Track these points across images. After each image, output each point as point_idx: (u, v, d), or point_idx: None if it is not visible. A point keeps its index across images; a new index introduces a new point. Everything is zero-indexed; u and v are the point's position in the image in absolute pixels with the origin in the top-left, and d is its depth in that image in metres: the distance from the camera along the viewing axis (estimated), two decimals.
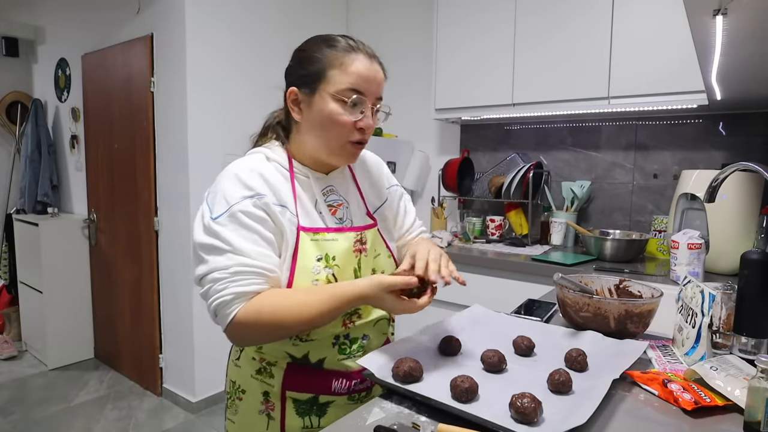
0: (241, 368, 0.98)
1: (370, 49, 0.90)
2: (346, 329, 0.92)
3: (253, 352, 0.95)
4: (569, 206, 2.49)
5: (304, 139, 0.92)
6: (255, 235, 0.83)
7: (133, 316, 2.95)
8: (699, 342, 0.92)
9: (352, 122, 0.87)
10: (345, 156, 0.91)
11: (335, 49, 0.87)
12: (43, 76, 3.75)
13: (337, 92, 0.85)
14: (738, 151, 2.14)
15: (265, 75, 2.85)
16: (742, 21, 0.94)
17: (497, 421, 0.65)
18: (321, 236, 0.89)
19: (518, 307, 1.29)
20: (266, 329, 0.81)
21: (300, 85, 0.89)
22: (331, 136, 0.88)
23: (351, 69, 0.86)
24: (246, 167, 0.89)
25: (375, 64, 0.89)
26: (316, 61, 0.87)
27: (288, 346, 0.91)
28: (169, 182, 2.64)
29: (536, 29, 2.26)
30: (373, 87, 0.88)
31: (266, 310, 0.80)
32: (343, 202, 0.97)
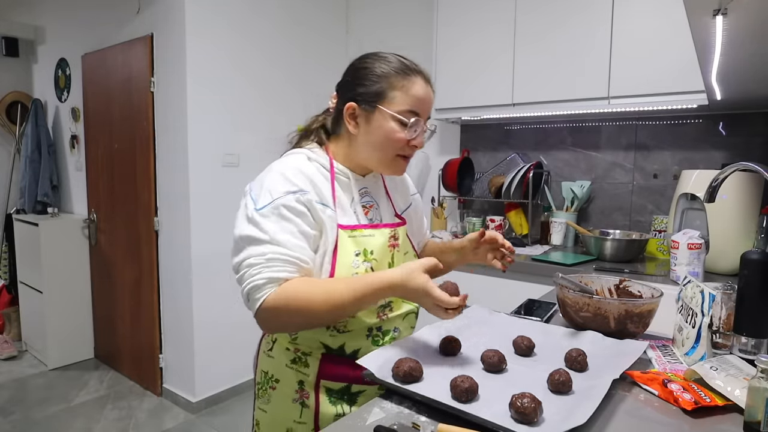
0: (275, 358, 1.01)
1: (426, 71, 0.98)
2: (380, 321, 0.97)
3: (287, 343, 0.99)
4: (569, 206, 2.49)
5: (356, 148, 0.98)
6: (293, 228, 0.87)
7: (133, 316, 2.95)
8: (699, 342, 0.92)
9: (406, 140, 0.94)
10: (395, 168, 0.99)
11: (396, 70, 0.94)
12: (43, 76, 3.75)
13: (397, 113, 0.92)
14: (738, 151, 2.14)
15: (265, 74, 2.85)
16: (742, 21, 0.94)
17: (497, 421, 0.65)
18: (359, 233, 0.94)
19: (518, 307, 1.29)
20: (295, 314, 0.84)
21: (359, 101, 0.95)
22: (386, 150, 0.95)
23: (411, 92, 0.93)
24: (291, 166, 0.94)
25: (429, 86, 0.97)
26: (377, 80, 0.94)
27: (324, 337, 0.94)
28: (169, 182, 2.64)
29: (536, 29, 2.26)
30: (427, 108, 0.96)
31: (296, 295, 0.83)
32: (374, 204, 1.03)
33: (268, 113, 2.90)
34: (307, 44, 3.09)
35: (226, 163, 2.69)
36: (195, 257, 2.57)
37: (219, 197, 2.67)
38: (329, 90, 1.10)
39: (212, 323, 2.67)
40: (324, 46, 3.23)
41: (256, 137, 2.84)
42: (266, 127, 2.89)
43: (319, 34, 3.19)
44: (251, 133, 2.81)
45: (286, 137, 1.13)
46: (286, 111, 3.00)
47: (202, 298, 2.62)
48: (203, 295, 2.62)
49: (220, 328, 2.72)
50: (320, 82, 3.22)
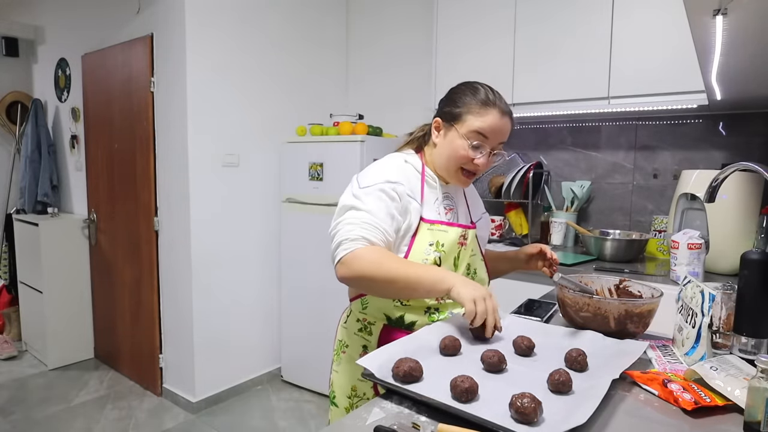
0: (348, 328, 1.21)
1: (505, 105, 1.13)
2: (438, 303, 1.12)
3: (358, 313, 1.18)
4: (569, 206, 2.49)
5: (435, 155, 1.18)
6: (386, 207, 1.07)
7: (133, 316, 2.95)
8: (699, 342, 0.92)
9: (470, 157, 1.11)
10: (457, 179, 1.16)
11: (477, 100, 1.11)
12: (43, 76, 3.75)
13: (467, 133, 1.10)
14: (738, 151, 2.14)
15: (265, 74, 2.86)
16: (742, 21, 0.94)
17: (497, 421, 0.65)
18: (436, 227, 1.12)
19: (518, 307, 1.29)
20: (370, 268, 0.99)
21: (443, 117, 1.15)
22: (451, 161, 1.13)
23: (483, 119, 1.10)
24: (392, 163, 1.16)
25: (506, 118, 1.12)
26: (461, 105, 1.12)
27: (389, 308, 1.12)
28: (169, 182, 2.64)
29: (536, 29, 2.26)
30: (497, 136, 1.11)
31: (380, 254, 1.00)
32: (454, 208, 1.21)
33: (268, 113, 2.90)
34: (307, 45, 3.09)
35: (226, 163, 2.69)
36: (195, 257, 2.57)
37: (219, 197, 2.67)
38: (329, 89, 1.13)
39: (212, 323, 2.67)
40: (324, 48, 3.23)
41: (256, 137, 2.84)
42: (266, 126, 2.89)
43: (320, 35, 3.19)
44: (251, 133, 2.81)
45: (404, 136, 1.29)
46: (286, 110, 3.00)
47: (202, 298, 2.62)
48: (203, 295, 2.62)
49: (220, 328, 2.72)
50: (321, 80, 3.23)
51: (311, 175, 2.76)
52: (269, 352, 3.02)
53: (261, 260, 2.93)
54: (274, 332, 3.03)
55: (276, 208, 2.97)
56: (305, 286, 2.84)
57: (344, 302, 2.87)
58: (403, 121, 3.08)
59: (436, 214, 1.15)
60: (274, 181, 2.96)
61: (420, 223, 1.11)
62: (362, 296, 1.16)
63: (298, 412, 2.65)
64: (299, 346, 2.91)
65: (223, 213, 2.70)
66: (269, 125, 2.91)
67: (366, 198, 1.07)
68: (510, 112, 1.14)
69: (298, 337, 2.91)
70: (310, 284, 2.82)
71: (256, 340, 2.94)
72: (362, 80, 3.36)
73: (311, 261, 2.80)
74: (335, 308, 2.71)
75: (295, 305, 2.91)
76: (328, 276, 2.73)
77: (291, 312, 2.93)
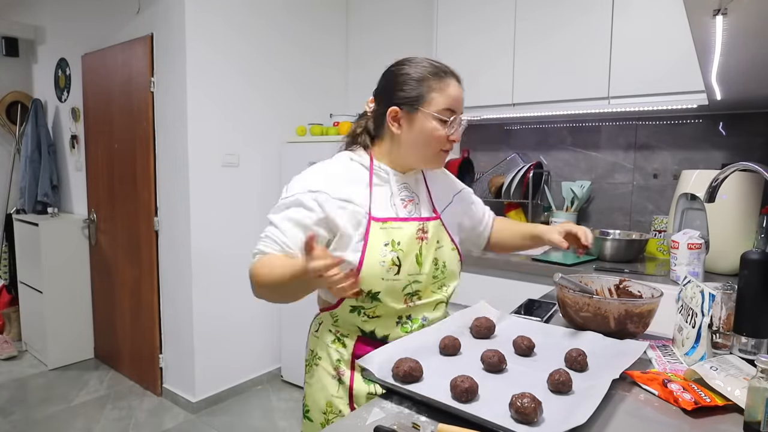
0: (320, 338, 1.13)
1: (456, 72, 1.07)
2: (408, 308, 1.06)
3: (330, 325, 1.11)
4: (569, 206, 2.49)
5: (399, 148, 1.07)
6: (296, 220, 1.00)
7: (133, 316, 2.95)
8: (699, 342, 0.92)
9: (446, 136, 1.04)
10: (437, 161, 1.10)
11: (431, 74, 1.03)
12: (43, 76, 3.75)
13: (437, 112, 1.02)
14: (738, 151, 2.14)
15: (265, 74, 2.86)
16: (742, 21, 0.94)
17: (497, 421, 0.65)
18: (389, 224, 1.04)
19: (518, 307, 1.29)
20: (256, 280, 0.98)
21: (401, 105, 1.04)
22: (429, 147, 1.05)
23: (447, 92, 1.03)
24: (319, 169, 1.07)
25: (460, 85, 1.07)
26: (416, 85, 1.03)
27: (359, 321, 1.06)
28: (169, 182, 2.64)
29: (536, 29, 2.26)
30: (461, 105, 1.06)
31: (260, 266, 0.98)
32: (414, 198, 1.12)
33: (268, 113, 2.90)
34: (307, 44, 3.09)
35: (226, 163, 2.69)
36: (195, 257, 2.57)
37: (219, 197, 2.67)
38: (329, 89, 1.12)
39: (212, 323, 2.67)
40: (324, 45, 3.23)
41: (256, 137, 2.84)
42: (266, 126, 2.89)
43: (320, 33, 3.19)
44: (251, 133, 2.81)
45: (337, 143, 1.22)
46: (286, 110, 3.00)
47: (202, 298, 2.62)
48: (203, 295, 2.62)
49: (220, 328, 2.72)
50: (321, 81, 3.23)
51: None
52: (269, 352, 3.02)
53: None
54: (274, 332, 3.03)
55: None
56: None
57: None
58: None
59: (392, 211, 1.06)
60: (274, 181, 2.96)
61: (370, 223, 1.02)
62: (331, 309, 1.08)
63: (298, 412, 2.65)
64: (299, 346, 2.91)
65: (223, 213, 2.70)
66: (269, 125, 2.91)
67: (278, 211, 1.03)
68: (459, 76, 1.08)
69: (298, 337, 2.91)
70: None
71: (256, 340, 2.94)
72: (362, 79, 3.36)
73: None
74: None
75: (295, 305, 2.90)
76: None
77: (291, 312, 2.93)
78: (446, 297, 1.13)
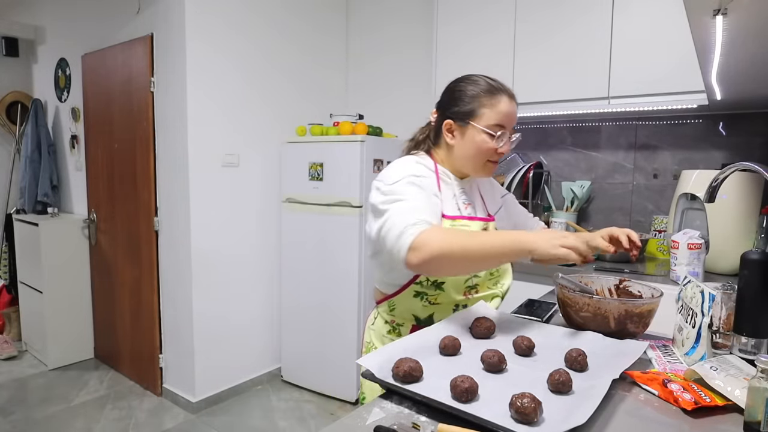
0: (376, 330, 1.23)
1: (510, 89, 1.15)
2: (466, 299, 1.15)
3: (386, 315, 1.21)
4: (569, 206, 2.49)
5: (453, 156, 1.18)
6: (425, 196, 1.06)
7: (133, 316, 2.95)
8: (699, 342, 0.92)
9: (494, 148, 1.13)
10: (486, 171, 1.18)
11: (484, 91, 1.13)
12: (43, 76, 3.75)
13: (486, 127, 1.11)
14: (738, 151, 2.14)
15: (265, 74, 2.86)
16: (742, 21, 0.94)
17: (497, 421, 0.65)
18: (458, 222, 1.13)
19: (518, 307, 1.29)
20: (443, 246, 0.95)
21: (455, 118, 1.15)
22: (478, 158, 1.14)
23: (497, 108, 1.12)
24: (410, 161, 1.15)
25: (513, 102, 1.15)
26: (469, 101, 1.13)
27: (418, 307, 1.14)
28: (169, 182, 2.64)
29: (536, 29, 2.26)
30: (511, 121, 1.14)
31: (444, 233, 0.98)
32: (471, 203, 1.22)
33: (269, 113, 2.90)
34: (307, 44, 3.09)
35: (226, 163, 2.69)
36: (195, 257, 2.57)
37: (219, 197, 2.67)
38: (329, 89, 1.13)
39: (212, 323, 2.67)
40: (324, 45, 3.23)
41: (256, 137, 2.84)
42: (266, 127, 2.89)
43: (320, 33, 3.19)
44: (251, 133, 2.81)
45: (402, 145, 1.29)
46: (286, 110, 3.01)
47: (202, 298, 2.62)
48: (203, 295, 2.62)
49: (220, 327, 2.72)
50: (321, 81, 3.23)
51: (311, 175, 2.76)
52: (269, 352, 3.02)
53: (261, 260, 2.93)
54: (274, 332, 3.03)
55: (276, 208, 2.97)
56: (305, 286, 2.84)
57: (344, 303, 2.86)
58: (404, 119, 3.08)
59: (456, 210, 1.16)
60: (274, 181, 2.96)
61: (441, 221, 1.11)
62: (389, 298, 1.17)
63: (298, 412, 2.65)
64: (299, 346, 2.91)
65: (223, 213, 2.70)
66: (269, 125, 2.91)
67: (403, 189, 1.05)
68: (514, 95, 1.16)
69: (298, 337, 2.91)
70: (311, 284, 2.82)
71: (256, 340, 2.94)
72: (362, 79, 3.36)
73: (311, 261, 2.80)
74: (335, 308, 2.72)
75: (295, 305, 2.91)
76: (328, 276, 2.74)
77: (291, 312, 2.93)
78: (501, 292, 1.21)
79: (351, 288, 2.66)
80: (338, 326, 2.72)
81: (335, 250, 2.70)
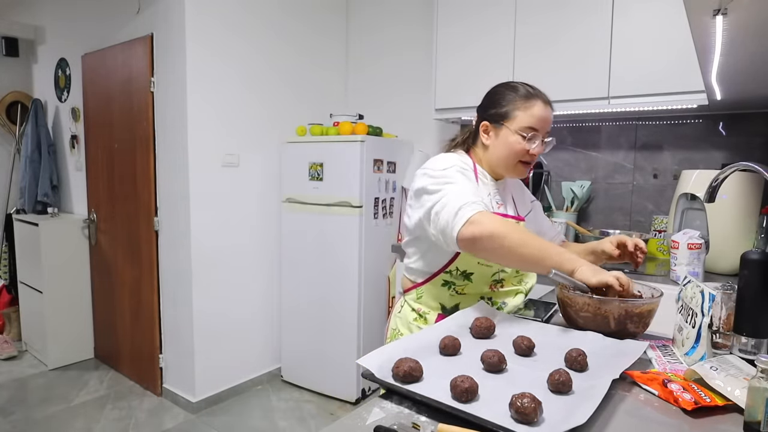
0: (402, 318, 1.30)
1: (545, 96, 1.21)
2: (492, 292, 1.22)
3: (413, 303, 1.28)
4: (569, 206, 2.49)
5: (488, 156, 1.24)
6: (471, 183, 1.14)
7: (133, 316, 2.95)
8: (699, 342, 0.92)
9: (526, 150, 1.18)
10: (518, 172, 1.23)
11: (520, 96, 1.19)
12: (43, 76, 3.75)
13: (519, 129, 1.17)
14: (738, 151, 2.14)
15: (265, 74, 2.86)
16: (742, 21, 0.94)
17: (497, 421, 0.65)
18: None
19: (518, 308, 1.29)
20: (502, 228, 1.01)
21: (491, 120, 1.22)
22: (510, 158, 1.20)
23: (530, 112, 1.17)
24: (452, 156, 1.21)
25: (548, 108, 1.20)
26: (505, 104, 1.20)
27: (446, 296, 1.22)
28: (169, 182, 2.64)
29: (536, 29, 2.26)
30: (545, 126, 1.19)
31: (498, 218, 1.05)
32: (503, 204, 1.26)
33: (268, 113, 2.90)
34: (307, 44, 3.09)
35: (226, 163, 2.69)
36: (195, 257, 2.57)
37: (219, 197, 2.67)
38: (329, 90, 1.13)
39: (212, 323, 2.67)
40: (324, 46, 3.23)
41: (256, 137, 2.84)
42: (266, 127, 2.89)
43: (320, 33, 3.19)
44: (251, 134, 2.81)
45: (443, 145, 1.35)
46: (286, 110, 3.00)
47: (202, 298, 2.62)
48: (203, 295, 2.62)
49: (220, 327, 2.72)
50: (320, 82, 3.23)
51: (311, 175, 2.76)
52: (269, 352, 3.02)
53: (261, 260, 2.92)
54: (274, 332, 3.03)
55: (276, 208, 2.97)
56: (305, 285, 2.84)
57: (344, 303, 2.86)
58: (404, 120, 3.09)
59: (490, 206, 1.20)
60: (274, 181, 2.96)
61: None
62: (417, 287, 1.25)
63: (298, 412, 2.65)
64: (299, 346, 2.91)
65: (223, 213, 2.70)
66: (269, 125, 2.91)
67: (454, 175, 1.11)
68: (550, 101, 1.21)
69: (298, 337, 2.91)
70: (311, 284, 2.82)
71: (256, 340, 2.94)
72: (362, 81, 3.36)
73: (311, 261, 2.80)
74: (335, 308, 2.72)
75: (295, 305, 2.91)
76: (328, 275, 2.74)
77: (291, 312, 2.93)
78: (525, 290, 1.27)
79: (351, 288, 2.66)
80: (338, 326, 2.72)
81: (335, 250, 2.70)
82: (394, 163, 2.86)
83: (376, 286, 2.79)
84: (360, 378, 2.66)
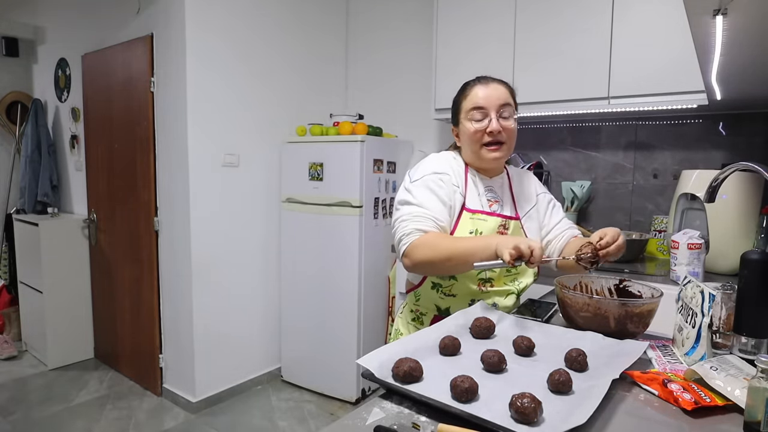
0: (403, 318, 1.36)
1: (490, 77, 1.25)
2: (481, 292, 1.22)
3: (412, 305, 1.32)
4: (569, 206, 2.49)
5: (464, 154, 1.29)
6: (434, 197, 1.19)
7: (133, 316, 2.95)
8: (699, 342, 0.92)
9: (481, 130, 1.20)
10: (486, 157, 1.23)
11: (463, 88, 1.26)
12: (43, 76, 3.75)
13: (466, 115, 1.23)
14: (738, 151, 2.14)
15: (265, 74, 2.85)
16: (742, 21, 0.94)
17: (497, 421, 0.65)
18: (477, 216, 1.22)
19: (518, 307, 1.29)
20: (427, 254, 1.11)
21: (454, 123, 1.31)
22: (473, 145, 1.23)
23: (470, 95, 1.23)
24: (440, 157, 1.29)
25: (492, 84, 1.22)
26: (455, 104, 1.29)
27: (437, 298, 1.25)
28: (169, 182, 2.64)
29: (536, 29, 2.26)
30: (492, 100, 1.21)
31: (432, 239, 1.12)
32: (499, 200, 1.28)
33: (269, 113, 2.90)
34: (307, 44, 3.09)
35: (226, 163, 2.69)
36: (195, 257, 2.57)
37: (219, 197, 2.67)
38: (329, 90, 1.14)
39: (212, 323, 2.67)
40: (325, 45, 3.23)
41: (256, 137, 2.84)
42: (266, 126, 2.89)
43: (320, 32, 3.19)
44: (251, 133, 2.81)
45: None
46: (286, 110, 3.00)
47: (202, 298, 2.62)
48: (203, 295, 2.62)
49: (220, 327, 2.72)
50: (321, 80, 3.23)
51: (311, 175, 2.76)
52: (269, 352, 3.01)
53: (261, 260, 2.92)
54: (274, 332, 3.03)
55: (276, 208, 2.97)
56: (305, 285, 2.84)
57: (344, 303, 2.87)
58: (404, 120, 3.09)
59: (479, 205, 1.24)
60: (274, 181, 2.96)
61: (462, 212, 1.21)
62: (415, 289, 1.29)
63: (298, 412, 2.65)
64: (299, 346, 2.91)
65: (223, 213, 2.69)
66: (269, 125, 2.91)
67: (416, 191, 1.19)
68: (497, 79, 1.24)
69: (298, 337, 2.91)
70: (310, 284, 2.82)
71: (256, 340, 2.94)
72: (362, 81, 3.36)
73: (311, 261, 2.80)
74: (335, 308, 2.72)
75: (295, 305, 2.91)
76: (328, 275, 2.74)
77: (291, 312, 2.93)
78: (517, 290, 1.26)
79: (351, 288, 2.66)
80: (338, 326, 2.72)
81: (335, 250, 2.70)
82: (394, 163, 2.86)
83: (376, 286, 2.79)
84: (360, 378, 2.66)
